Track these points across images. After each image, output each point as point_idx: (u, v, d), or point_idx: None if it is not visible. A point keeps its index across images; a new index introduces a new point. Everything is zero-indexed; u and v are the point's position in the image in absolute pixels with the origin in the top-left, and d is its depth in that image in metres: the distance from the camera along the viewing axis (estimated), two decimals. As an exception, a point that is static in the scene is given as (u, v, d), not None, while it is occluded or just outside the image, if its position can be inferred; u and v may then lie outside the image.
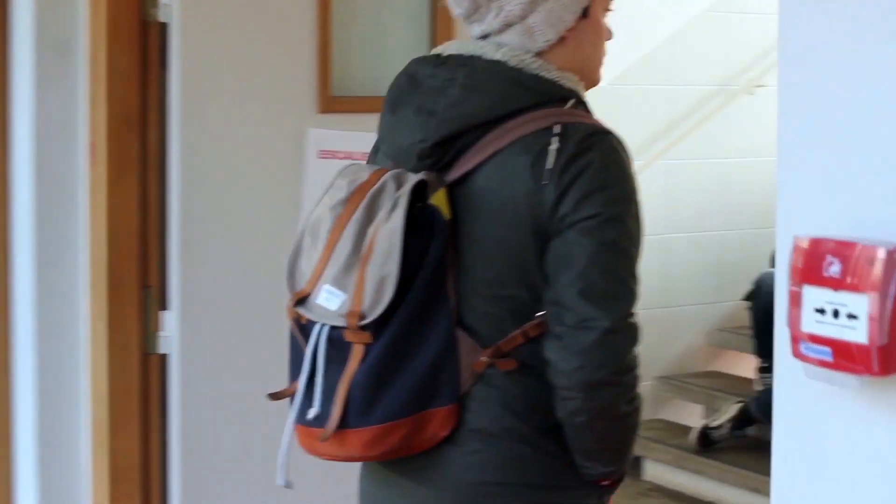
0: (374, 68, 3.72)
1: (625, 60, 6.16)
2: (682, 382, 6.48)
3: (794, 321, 1.53)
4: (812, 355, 1.54)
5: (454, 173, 2.07)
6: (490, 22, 2.12)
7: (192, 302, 3.58)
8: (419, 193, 2.03)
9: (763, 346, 5.95)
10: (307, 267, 2.10)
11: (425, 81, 2.12)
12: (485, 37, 2.14)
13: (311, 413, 2.06)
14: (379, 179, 2.07)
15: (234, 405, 3.62)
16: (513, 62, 2.08)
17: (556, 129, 2.03)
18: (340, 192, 2.10)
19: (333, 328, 2.05)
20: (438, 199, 2.04)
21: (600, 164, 2.02)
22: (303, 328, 2.10)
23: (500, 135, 2.05)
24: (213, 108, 3.56)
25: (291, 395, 2.12)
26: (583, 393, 2.01)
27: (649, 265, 6.55)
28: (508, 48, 2.10)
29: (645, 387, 6.38)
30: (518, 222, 2.03)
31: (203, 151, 3.57)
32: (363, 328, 2.01)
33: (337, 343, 2.05)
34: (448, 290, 2.04)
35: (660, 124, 6.49)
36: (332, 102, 3.62)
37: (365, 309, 2.00)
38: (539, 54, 2.11)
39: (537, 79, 2.08)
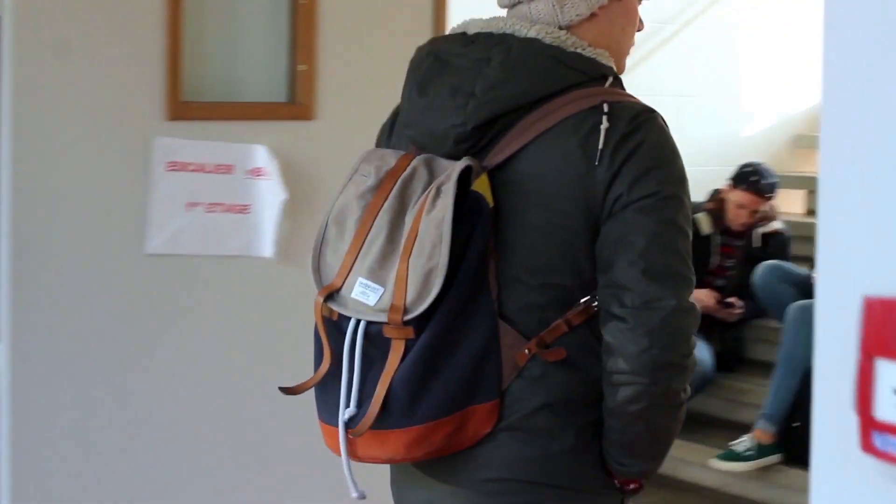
0: (230, 71, 3.39)
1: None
2: None
3: (863, 404, 1.19)
4: (892, 451, 1.20)
5: (495, 158, 1.99)
6: None
7: (22, 333, 3.19)
8: (462, 180, 1.94)
9: None
10: (334, 259, 2.00)
11: (455, 61, 2.02)
12: (512, 6, 2.06)
13: (347, 413, 1.97)
14: (408, 165, 1.99)
15: (68, 444, 3.24)
16: (548, 39, 2.00)
17: (605, 107, 1.96)
18: (368, 178, 2.00)
19: (371, 323, 1.95)
20: (481, 186, 1.96)
21: (652, 143, 1.96)
22: (332, 324, 2.00)
23: (543, 116, 1.97)
24: (47, 115, 3.18)
25: (308, 390, 2.05)
26: (649, 376, 1.93)
27: None
28: (542, 25, 2.02)
29: None
30: (568, 206, 1.96)
31: (36, 163, 3.18)
32: (406, 323, 1.92)
33: (375, 339, 1.95)
34: (489, 281, 1.97)
35: None
36: (183, 108, 3.26)
37: (409, 303, 1.91)
38: (567, 29, 2.03)
39: (577, 57, 2.01)
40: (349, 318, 1.97)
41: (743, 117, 7.01)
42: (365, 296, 1.95)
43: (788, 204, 5.99)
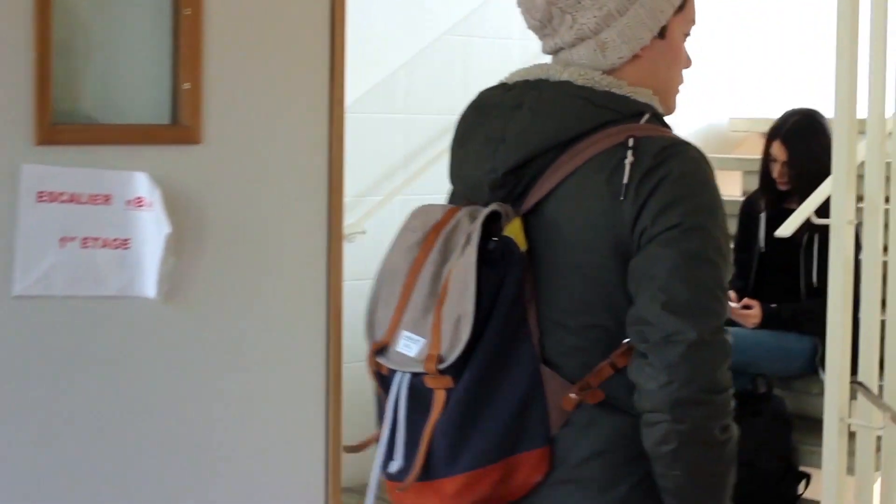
0: (106, 90, 3.05)
1: (359, 87, 5.70)
2: None
3: None
4: None
5: (528, 202, 2.03)
6: (563, 35, 2.08)
7: None
8: (492, 226, 2.00)
9: None
10: (385, 316, 2.06)
11: (491, 111, 2.09)
12: (556, 52, 2.11)
13: (394, 466, 2.03)
14: (452, 218, 2.04)
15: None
16: (580, 81, 2.04)
17: (630, 142, 1.98)
18: (415, 234, 2.06)
19: (414, 375, 2.00)
20: (513, 230, 2.00)
21: (678, 174, 1.97)
22: (384, 379, 2.05)
23: (573, 156, 2.00)
24: None
25: (369, 446, 2.11)
26: (670, 413, 1.93)
27: None
28: (576, 67, 2.07)
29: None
30: (598, 244, 1.99)
31: None
32: (443, 372, 1.96)
33: (418, 391, 2.00)
34: (530, 326, 1.99)
35: (397, 157, 6.07)
36: (53, 132, 2.91)
37: (443, 352, 1.96)
38: (610, 72, 2.07)
39: (608, 95, 2.03)
40: (395, 373, 2.02)
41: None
42: (408, 348, 2.00)
43: (726, 186, 5.84)
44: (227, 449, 3.15)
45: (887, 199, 4.16)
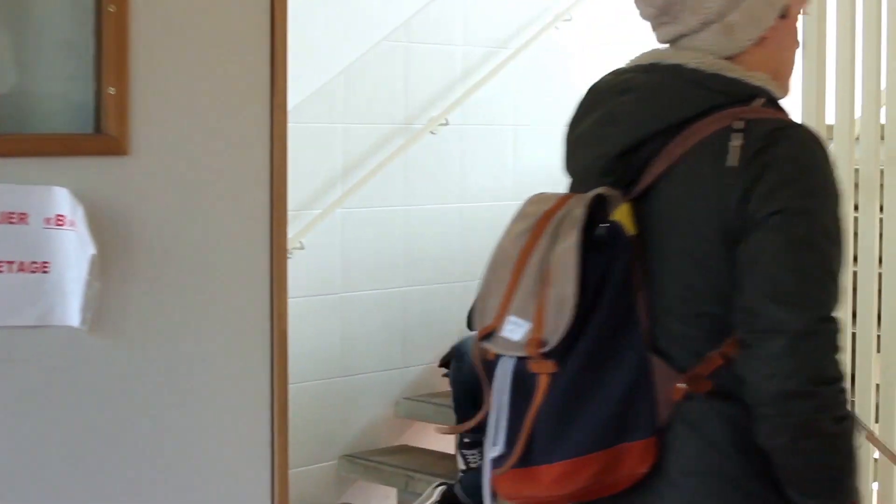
0: (21, 96, 2.75)
1: (296, 96, 5.44)
2: (369, 462, 5.83)
3: None
4: None
5: (641, 186, 2.01)
6: (686, 20, 2.06)
7: None
8: (599, 211, 1.99)
9: (466, 421, 5.31)
10: (494, 302, 2.06)
11: (603, 96, 2.09)
12: (675, 40, 2.10)
13: (494, 452, 2.02)
14: (564, 205, 2.03)
15: None
16: (691, 64, 2.03)
17: (737, 125, 1.95)
18: (526, 221, 2.06)
19: (519, 360, 2.00)
20: (621, 215, 1.99)
21: (785, 157, 1.94)
22: (490, 365, 2.05)
23: (682, 141, 1.99)
24: None
25: (462, 430, 2.14)
26: (776, 407, 1.90)
27: (326, 327, 5.98)
28: (690, 51, 2.06)
29: (328, 467, 5.85)
30: (706, 230, 1.97)
31: None
32: (546, 356, 1.96)
33: (522, 376, 2.00)
34: (638, 313, 1.98)
35: (336, 168, 5.86)
36: (-39, 143, 2.62)
37: (546, 335, 1.96)
38: (733, 57, 2.05)
39: (718, 78, 2.01)
40: (501, 358, 2.02)
41: (582, 147, 6.64)
42: (513, 332, 2.00)
43: None
44: (168, 485, 2.88)
45: (856, 207, 4.01)
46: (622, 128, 2.01)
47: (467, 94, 6.08)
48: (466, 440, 5.37)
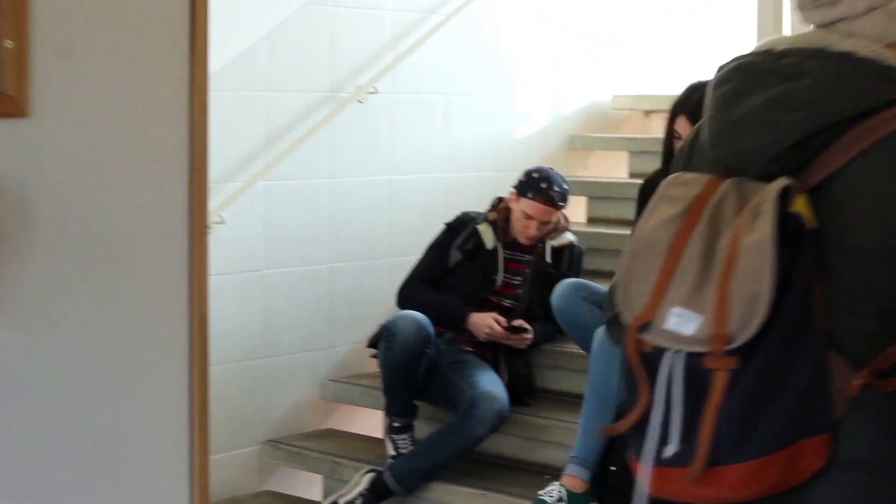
0: None
1: (216, 62, 5.16)
2: (294, 447, 5.62)
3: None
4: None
5: (812, 177, 1.98)
6: (850, 4, 2.03)
7: None
8: (781, 201, 1.96)
9: (396, 404, 5.15)
10: (640, 290, 2.01)
11: (766, 77, 2.04)
12: (831, 24, 2.05)
13: (669, 451, 1.97)
14: (717, 190, 2.00)
15: None
16: (864, 53, 2.00)
17: None
18: (675, 205, 2.02)
19: (691, 355, 1.95)
20: (800, 206, 1.95)
21: None
22: (645, 357, 2.00)
23: (864, 133, 1.96)
24: None
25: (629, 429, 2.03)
26: None
27: (248, 306, 5.70)
28: (857, 38, 2.01)
29: (249, 453, 5.61)
30: (893, 225, 1.94)
31: None
32: (730, 353, 1.92)
33: (694, 371, 1.95)
34: (815, 308, 1.95)
35: (259, 138, 5.63)
36: None
37: (732, 331, 1.91)
38: (893, 45, 2.01)
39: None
40: (662, 351, 1.97)
41: (516, 118, 6.51)
42: (681, 325, 1.95)
43: (569, 212, 5.47)
44: (80, 480, 2.63)
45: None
46: (801, 115, 1.96)
47: (397, 62, 5.85)
48: (396, 424, 5.16)
